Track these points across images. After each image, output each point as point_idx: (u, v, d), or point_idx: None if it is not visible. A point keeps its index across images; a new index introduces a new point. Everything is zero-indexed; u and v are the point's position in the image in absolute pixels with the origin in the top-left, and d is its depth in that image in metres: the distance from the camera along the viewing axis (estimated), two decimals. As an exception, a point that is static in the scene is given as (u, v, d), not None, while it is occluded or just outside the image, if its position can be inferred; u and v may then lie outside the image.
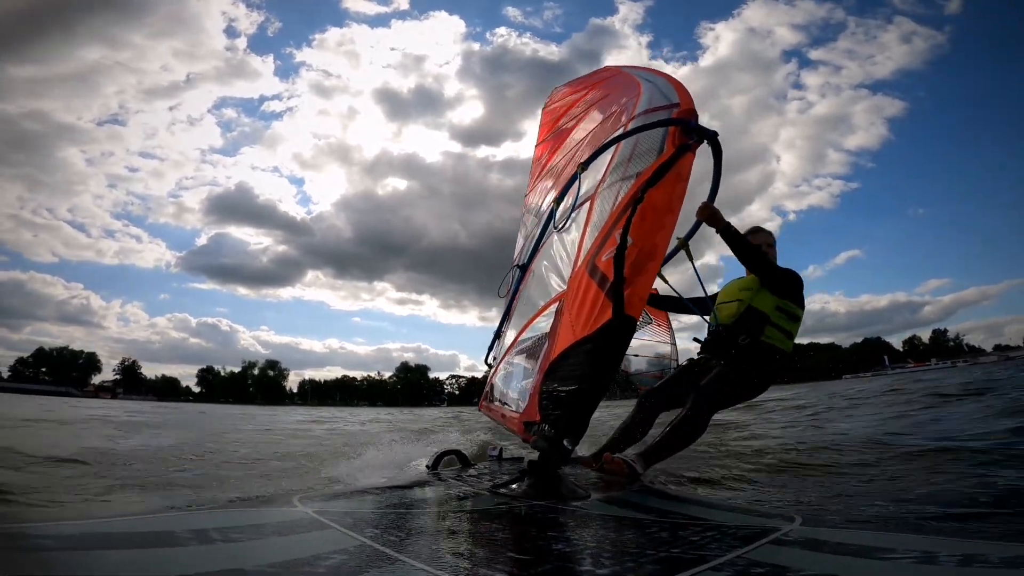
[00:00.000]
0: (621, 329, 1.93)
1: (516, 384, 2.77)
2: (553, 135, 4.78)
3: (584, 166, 2.87)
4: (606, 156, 2.88)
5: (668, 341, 6.54)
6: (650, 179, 2.25)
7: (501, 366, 3.35)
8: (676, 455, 2.71)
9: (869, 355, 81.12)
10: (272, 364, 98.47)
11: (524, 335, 3.04)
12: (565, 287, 2.58)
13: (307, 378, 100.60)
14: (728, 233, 2.88)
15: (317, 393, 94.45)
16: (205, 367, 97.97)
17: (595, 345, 1.96)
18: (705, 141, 2.43)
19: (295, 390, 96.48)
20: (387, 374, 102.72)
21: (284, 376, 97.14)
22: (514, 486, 1.86)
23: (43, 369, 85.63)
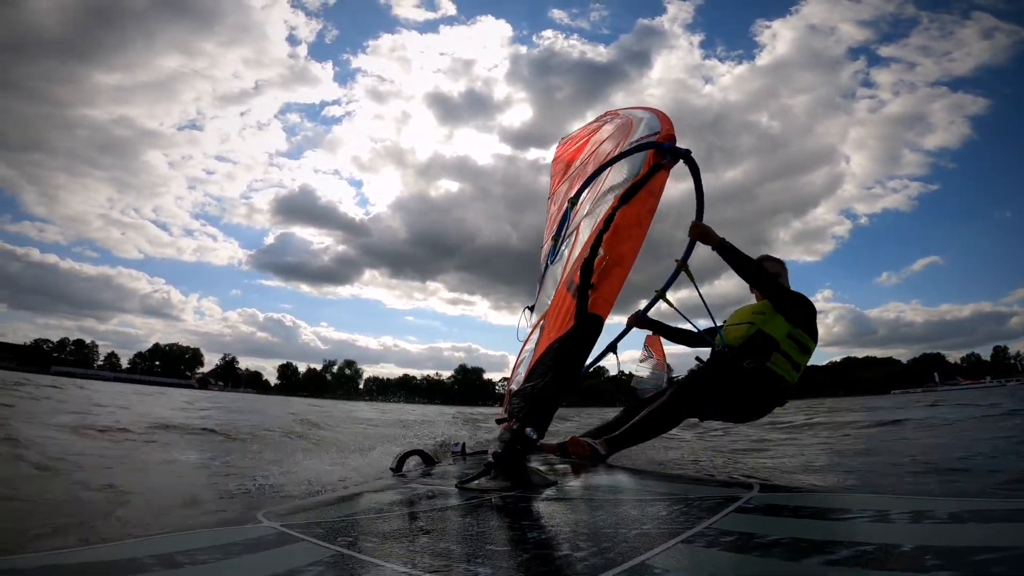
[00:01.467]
0: (584, 325, 2.00)
1: (512, 400, 2.83)
2: (561, 185, 4.98)
3: (573, 201, 3.01)
4: (593, 188, 3.04)
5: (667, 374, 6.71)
6: (624, 197, 2.38)
7: (508, 393, 3.42)
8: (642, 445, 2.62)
9: (926, 370, 75.03)
10: (349, 363, 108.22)
11: (520, 358, 3.11)
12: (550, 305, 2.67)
13: (371, 376, 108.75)
14: (724, 249, 2.78)
15: (382, 390, 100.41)
16: (285, 363, 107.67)
17: (560, 343, 2.04)
18: (681, 160, 2.56)
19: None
20: (445, 374, 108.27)
21: (360, 375, 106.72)
22: (480, 480, 1.86)
23: (156, 363, 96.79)
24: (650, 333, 3.46)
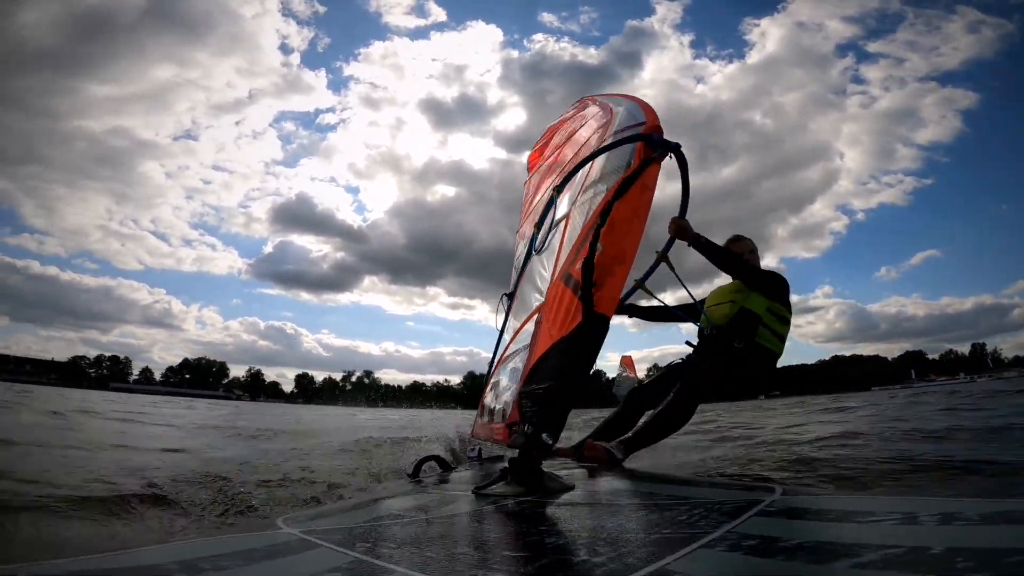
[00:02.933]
0: (592, 326, 1.99)
1: (501, 398, 2.80)
2: (538, 171, 4.94)
3: (559, 189, 2.98)
4: (580, 177, 3.01)
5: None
6: (617, 191, 2.36)
7: (490, 386, 3.38)
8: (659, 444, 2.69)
9: (909, 367, 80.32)
10: (368, 373, 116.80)
11: (508, 351, 3.09)
12: (542, 300, 2.65)
13: (384, 383, 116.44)
14: (699, 244, 2.93)
15: (395, 397, 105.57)
16: (301, 372, 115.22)
17: (569, 344, 2.02)
18: (671, 154, 2.57)
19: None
20: (454, 379, 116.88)
21: (377, 382, 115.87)
22: (498, 486, 1.86)
23: (187, 375, 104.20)
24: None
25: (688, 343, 3.18)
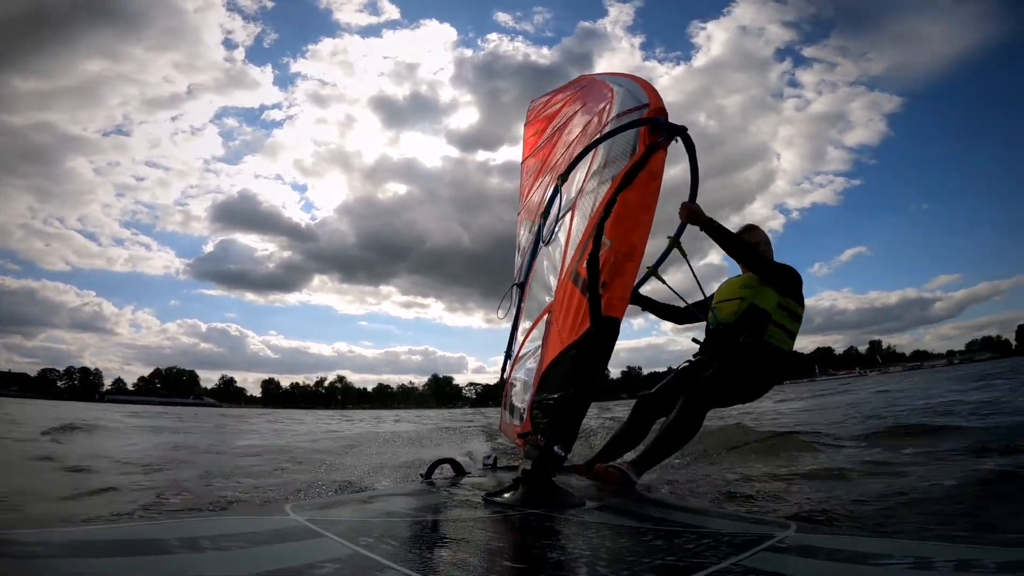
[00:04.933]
0: (601, 331, 1.92)
1: (518, 399, 2.77)
2: (537, 150, 4.82)
3: (563, 178, 2.88)
4: (584, 165, 2.91)
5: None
6: (623, 181, 2.26)
7: (511, 383, 3.35)
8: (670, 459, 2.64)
9: (818, 362, 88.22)
10: (340, 378, 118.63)
11: (523, 351, 3.04)
12: (552, 299, 2.58)
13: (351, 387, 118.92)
14: (712, 228, 2.80)
15: (364, 398, 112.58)
16: (268, 378, 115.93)
17: (579, 350, 1.96)
18: (677, 138, 2.45)
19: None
20: (418, 381, 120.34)
21: (351, 386, 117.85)
22: (508, 495, 1.85)
23: (157, 384, 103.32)
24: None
25: (695, 340, 3.09)
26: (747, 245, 2.89)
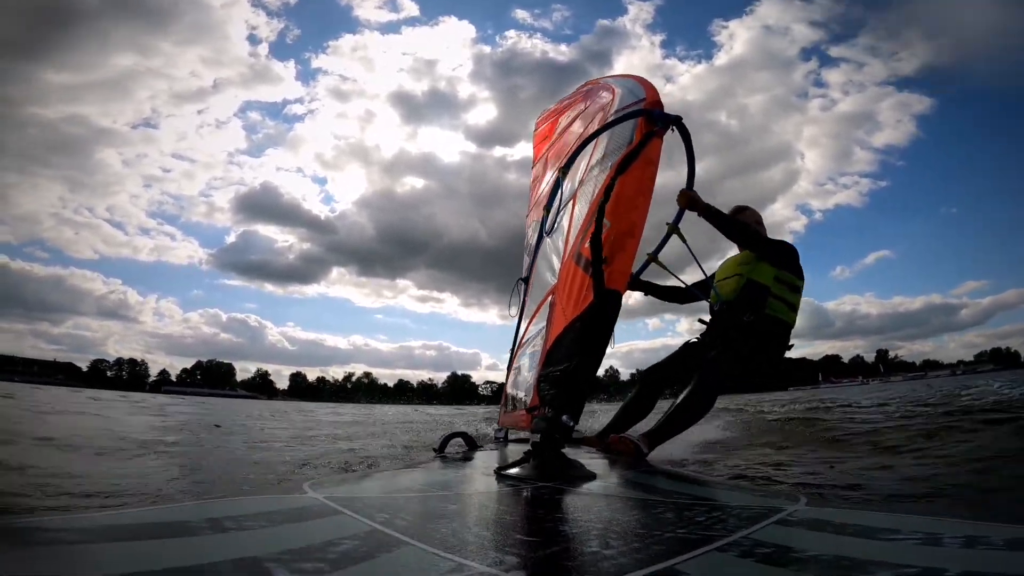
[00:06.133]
0: (604, 303, 2.01)
1: (523, 383, 2.83)
2: (544, 155, 4.95)
3: (564, 170, 3.00)
4: (585, 157, 3.02)
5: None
6: (620, 166, 2.37)
7: (512, 373, 3.43)
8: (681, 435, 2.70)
9: (825, 369, 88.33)
10: (367, 374, 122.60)
11: (526, 336, 3.13)
12: (555, 282, 2.67)
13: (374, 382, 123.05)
14: (709, 213, 2.92)
15: (387, 394, 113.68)
16: (295, 371, 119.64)
17: (583, 323, 2.04)
18: (673, 128, 2.56)
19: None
20: (439, 377, 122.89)
21: (376, 382, 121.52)
22: (519, 468, 1.88)
23: (198, 375, 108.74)
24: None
25: (700, 320, 3.18)
26: (742, 225, 3.01)
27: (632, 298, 3.91)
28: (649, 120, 2.48)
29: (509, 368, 4.15)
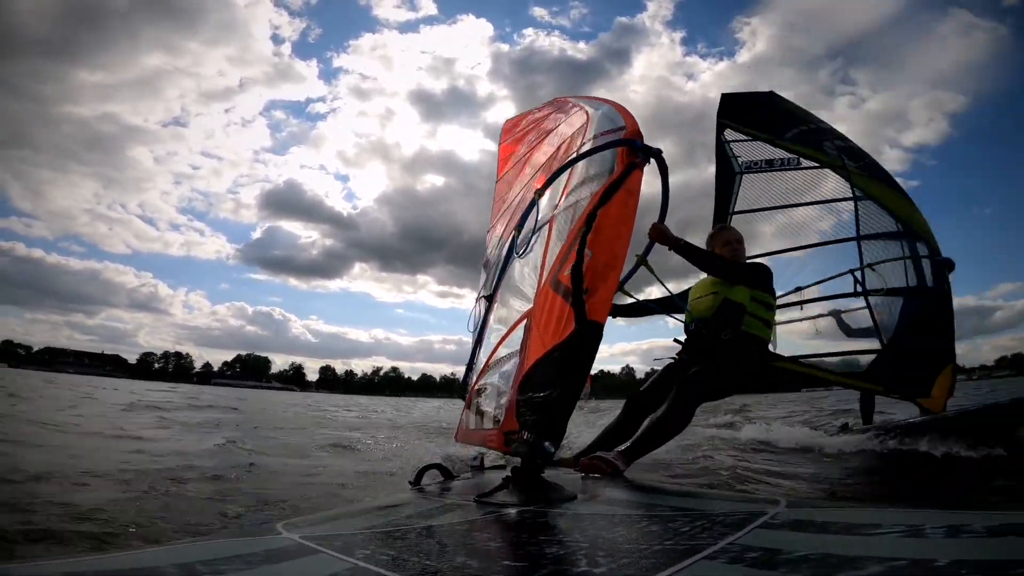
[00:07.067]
0: (585, 334, 2.02)
1: (491, 404, 2.80)
2: (511, 169, 4.94)
3: (540, 192, 3.00)
4: (561, 181, 3.04)
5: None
6: (603, 196, 2.39)
7: (474, 393, 3.38)
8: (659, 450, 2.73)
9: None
10: (394, 369, 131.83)
11: (495, 357, 3.09)
12: (530, 306, 2.66)
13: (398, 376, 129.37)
14: (680, 248, 3.00)
15: (409, 388, 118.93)
16: (324, 365, 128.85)
17: (563, 353, 2.04)
18: (651, 159, 2.61)
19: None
20: (460, 371, 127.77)
21: (402, 376, 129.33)
22: (499, 494, 1.85)
23: (237, 368, 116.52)
24: None
25: (676, 340, 3.25)
26: (712, 258, 3.11)
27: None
28: (631, 151, 2.51)
29: (465, 384, 4.10)
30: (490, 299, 3.82)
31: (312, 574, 1.08)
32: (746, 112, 5.14)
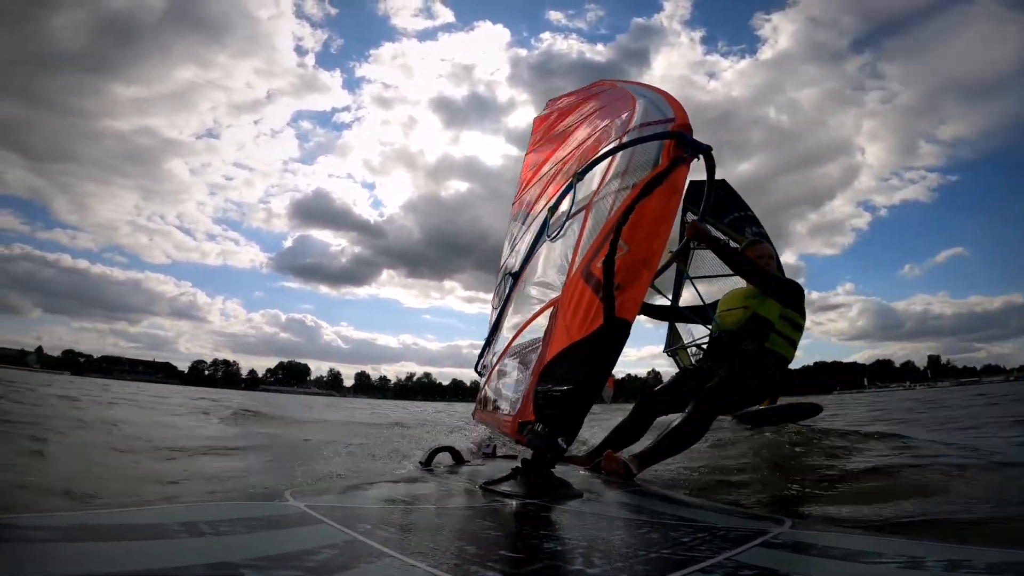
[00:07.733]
0: (613, 332, 1.98)
1: (510, 388, 2.79)
2: (543, 144, 4.85)
3: (579, 176, 2.92)
4: (601, 167, 2.95)
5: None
6: (645, 188, 2.31)
7: (494, 373, 3.37)
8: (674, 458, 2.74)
9: (875, 374, 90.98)
10: (427, 374, 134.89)
11: (517, 341, 3.07)
12: (559, 293, 2.62)
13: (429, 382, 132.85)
14: (717, 247, 2.95)
15: (443, 392, 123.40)
16: (360, 371, 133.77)
17: (589, 348, 2.01)
18: (700, 156, 2.52)
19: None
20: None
21: (434, 382, 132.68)
22: (506, 484, 1.86)
23: (280, 374, 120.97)
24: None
25: (698, 346, 3.24)
26: (750, 262, 3.05)
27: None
28: (680, 145, 2.42)
29: (479, 361, 4.10)
30: (516, 277, 3.78)
31: (310, 542, 1.10)
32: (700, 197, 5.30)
